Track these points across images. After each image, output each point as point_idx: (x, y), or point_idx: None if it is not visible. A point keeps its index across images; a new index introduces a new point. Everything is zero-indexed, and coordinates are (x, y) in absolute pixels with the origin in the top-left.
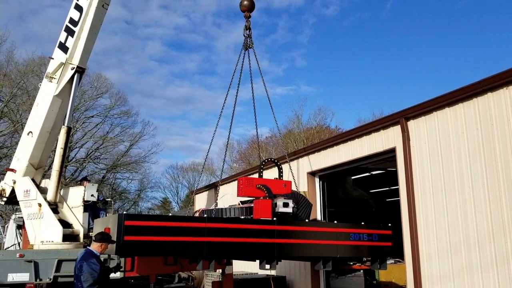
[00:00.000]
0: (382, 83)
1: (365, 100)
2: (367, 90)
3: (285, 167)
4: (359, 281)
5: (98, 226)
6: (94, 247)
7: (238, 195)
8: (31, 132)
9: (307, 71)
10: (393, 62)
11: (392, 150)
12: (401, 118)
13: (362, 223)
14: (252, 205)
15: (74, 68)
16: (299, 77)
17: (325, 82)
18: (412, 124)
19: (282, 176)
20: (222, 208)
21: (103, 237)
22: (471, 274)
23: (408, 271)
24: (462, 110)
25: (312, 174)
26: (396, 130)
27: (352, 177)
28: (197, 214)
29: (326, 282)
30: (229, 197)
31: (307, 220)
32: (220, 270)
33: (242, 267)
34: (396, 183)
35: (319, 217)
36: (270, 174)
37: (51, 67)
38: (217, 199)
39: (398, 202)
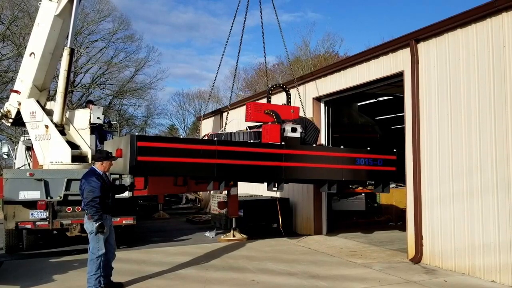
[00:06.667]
0: (392, 8)
1: (375, 26)
2: (377, 16)
3: (292, 92)
4: (360, 204)
5: (109, 147)
6: (97, 166)
7: (246, 120)
8: (33, 53)
9: None
10: None
11: (400, 74)
12: (411, 40)
13: (368, 148)
14: (261, 130)
15: None
16: (306, 3)
17: (333, 8)
18: (422, 47)
19: (290, 101)
20: (230, 133)
21: (102, 155)
22: (471, 197)
23: (408, 195)
24: (475, 31)
25: (318, 99)
26: (405, 53)
27: (358, 104)
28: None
29: (328, 204)
30: (235, 123)
31: (314, 145)
32: (226, 192)
33: (246, 189)
34: (402, 110)
35: (323, 142)
36: (277, 100)
37: None
38: (225, 124)
39: (403, 129)
